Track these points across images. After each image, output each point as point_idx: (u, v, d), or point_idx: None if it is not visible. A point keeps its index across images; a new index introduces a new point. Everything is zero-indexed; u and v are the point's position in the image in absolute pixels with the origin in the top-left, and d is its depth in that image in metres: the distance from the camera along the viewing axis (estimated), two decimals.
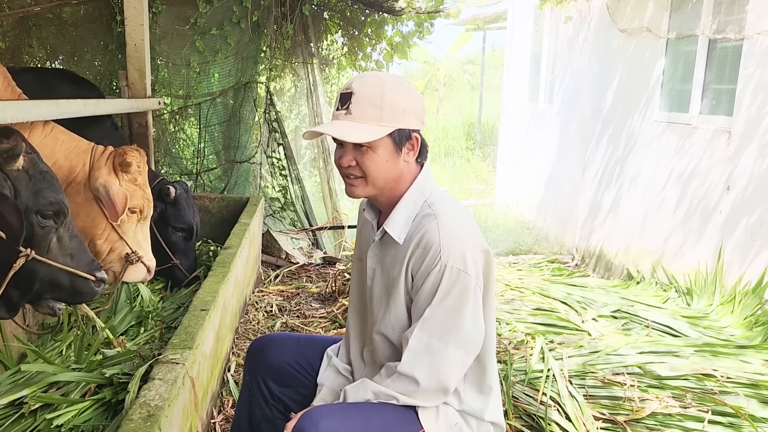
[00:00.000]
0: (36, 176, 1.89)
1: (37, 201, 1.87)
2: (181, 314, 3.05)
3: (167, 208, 3.47)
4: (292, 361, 1.90)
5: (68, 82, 3.64)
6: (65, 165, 2.49)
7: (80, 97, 3.19)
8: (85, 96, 3.36)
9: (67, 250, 2.00)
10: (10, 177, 1.81)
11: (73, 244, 2.03)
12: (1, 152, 1.77)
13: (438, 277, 1.58)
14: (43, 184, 1.90)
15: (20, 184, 1.83)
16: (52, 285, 1.97)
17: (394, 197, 1.70)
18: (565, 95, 6.82)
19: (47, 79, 3.60)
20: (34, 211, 1.87)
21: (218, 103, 5.33)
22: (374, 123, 1.60)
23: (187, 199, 3.56)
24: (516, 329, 3.28)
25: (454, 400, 1.69)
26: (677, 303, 4.05)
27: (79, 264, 2.02)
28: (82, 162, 2.54)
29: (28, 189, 1.85)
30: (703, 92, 4.53)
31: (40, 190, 1.88)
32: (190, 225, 3.55)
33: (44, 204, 1.88)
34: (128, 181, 2.56)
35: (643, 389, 2.66)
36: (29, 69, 4.24)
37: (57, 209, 1.92)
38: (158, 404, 1.70)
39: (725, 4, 4.30)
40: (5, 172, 1.80)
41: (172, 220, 3.48)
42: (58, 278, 1.97)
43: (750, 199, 3.94)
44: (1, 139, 1.80)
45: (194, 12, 4.92)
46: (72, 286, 2.01)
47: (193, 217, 3.59)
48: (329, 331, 3.65)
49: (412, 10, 5.55)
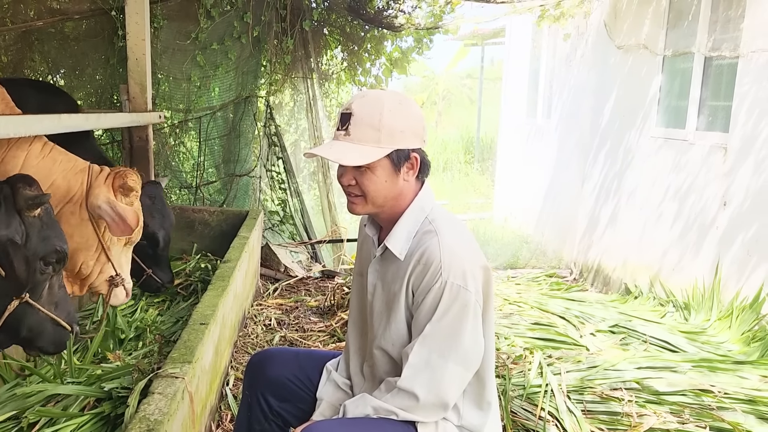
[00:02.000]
0: (48, 223, 1.96)
1: (45, 247, 1.93)
2: (180, 328, 3.06)
3: None
4: (291, 376, 1.90)
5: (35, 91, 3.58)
6: (63, 185, 2.47)
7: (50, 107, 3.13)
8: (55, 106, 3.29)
9: (54, 297, 2.05)
10: (25, 222, 1.89)
11: (60, 293, 2.08)
12: (27, 199, 1.86)
13: (438, 293, 1.59)
14: (51, 231, 1.97)
15: (33, 230, 1.91)
16: (38, 332, 2.01)
17: (394, 214, 1.72)
18: (563, 110, 6.87)
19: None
20: (40, 257, 1.93)
21: (218, 117, 5.36)
22: (372, 144, 1.62)
23: (150, 207, 3.13)
24: (514, 344, 3.28)
25: (454, 416, 1.70)
26: (675, 318, 4.06)
27: (61, 313, 2.06)
28: (79, 182, 2.52)
29: (38, 235, 1.92)
30: (700, 109, 4.57)
31: (48, 238, 1.95)
32: (152, 237, 3.16)
33: (50, 251, 1.94)
34: (126, 203, 2.55)
35: (641, 404, 2.66)
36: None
37: (59, 257, 1.99)
38: (158, 418, 1.71)
39: (720, 22, 4.35)
40: (22, 218, 1.88)
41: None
42: (43, 325, 2.01)
43: (746, 214, 3.97)
44: (25, 186, 1.88)
45: (195, 27, 4.96)
46: (54, 333, 2.05)
47: (160, 225, 3.20)
48: (328, 344, 3.65)
49: (411, 26, 5.60)
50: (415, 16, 5.63)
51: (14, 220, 1.86)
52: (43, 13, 4.68)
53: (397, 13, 5.54)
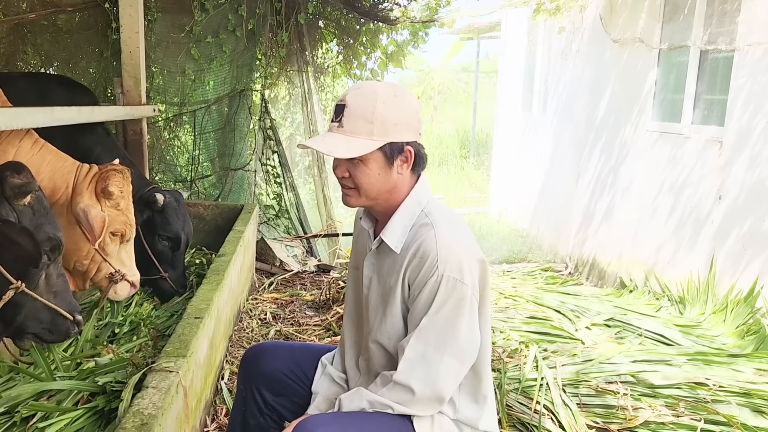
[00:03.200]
0: (39, 211, 1.97)
1: (38, 236, 1.92)
2: (175, 322, 3.05)
3: (154, 216, 3.36)
4: (286, 370, 1.89)
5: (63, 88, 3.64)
6: (48, 186, 2.47)
7: (75, 102, 3.19)
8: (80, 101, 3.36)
9: (52, 287, 2.05)
10: (15, 210, 1.89)
11: (59, 283, 2.08)
12: (14, 187, 1.87)
13: (435, 286, 1.58)
14: (44, 219, 1.97)
15: (24, 218, 1.91)
16: (34, 320, 2.01)
17: (390, 207, 1.71)
18: (559, 105, 6.87)
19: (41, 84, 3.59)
20: None
21: (213, 111, 5.34)
22: (364, 137, 1.60)
23: (177, 208, 3.44)
24: (510, 338, 3.28)
25: (449, 410, 1.70)
26: (670, 312, 4.07)
27: (61, 303, 2.06)
28: (65, 183, 2.51)
29: (30, 223, 1.92)
30: (695, 102, 4.57)
31: (41, 225, 1.95)
32: (176, 235, 3.41)
33: (43, 239, 1.93)
34: (110, 206, 2.55)
35: (636, 398, 2.67)
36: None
37: (54, 245, 1.98)
38: (152, 413, 1.70)
39: (716, 15, 4.35)
40: (12, 206, 1.89)
41: (158, 228, 3.36)
42: (40, 314, 2.00)
43: (741, 208, 3.97)
44: (13, 174, 1.88)
45: (190, 20, 4.93)
46: (52, 323, 2.05)
47: (183, 227, 3.45)
48: (323, 339, 3.65)
49: (407, 20, 5.58)
50: (411, 9, 5.62)
51: (3, 207, 1.86)
52: (36, 6, 4.65)
53: (392, 6, 5.52)
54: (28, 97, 2.80)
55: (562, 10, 5.78)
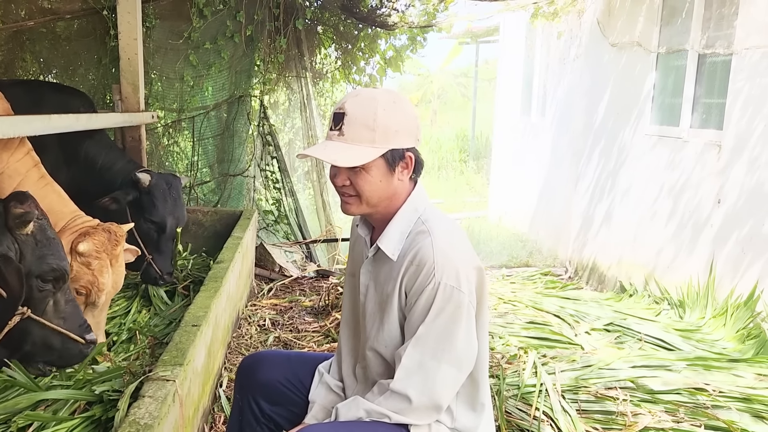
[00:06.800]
0: (42, 242, 1.98)
1: (40, 266, 1.96)
2: (173, 330, 3.04)
3: (142, 197, 3.34)
4: (282, 379, 1.89)
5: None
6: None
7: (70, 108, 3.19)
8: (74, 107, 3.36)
9: (61, 313, 2.07)
10: (18, 240, 1.91)
11: (68, 308, 2.10)
12: (14, 217, 1.89)
13: (432, 294, 1.58)
14: (47, 250, 1.98)
15: (26, 248, 1.93)
16: (44, 346, 2.04)
17: (388, 214, 1.70)
18: (558, 109, 6.87)
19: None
20: (36, 275, 1.95)
21: (212, 117, 5.34)
22: (366, 144, 1.60)
23: (166, 191, 3.39)
24: (509, 343, 3.27)
25: (447, 418, 1.68)
26: (670, 316, 4.05)
27: (70, 326, 2.08)
28: (55, 227, 2.49)
29: (33, 254, 1.94)
30: (694, 106, 4.57)
31: (44, 256, 1.97)
32: (161, 219, 3.37)
33: (46, 270, 1.97)
34: (80, 263, 2.52)
35: (635, 403, 2.66)
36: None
37: (57, 275, 2.01)
38: (148, 422, 1.69)
39: (714, 19, 4.35)
40: (14, 236, 1.91)
41: (144, 210, 3.35)
42: (49, 339, 2.03)
43: (741, 212, 3.97)
44: (16, 204, 1.91)
45: (188, 26, 4.94)
46: (62, 347, 2.08)
47: (171, 212, 3.40)
48: (322, 345, 3.64)
49: (405, 25, 5.58)
50: (409, 14, 5.62)
51: (5, 239, 1.87)
52: (35, 13, 4.66)
53: (390, 12, 5.52)
54: (22, 105, 2.78)
55: (560, 15, 5.79)
